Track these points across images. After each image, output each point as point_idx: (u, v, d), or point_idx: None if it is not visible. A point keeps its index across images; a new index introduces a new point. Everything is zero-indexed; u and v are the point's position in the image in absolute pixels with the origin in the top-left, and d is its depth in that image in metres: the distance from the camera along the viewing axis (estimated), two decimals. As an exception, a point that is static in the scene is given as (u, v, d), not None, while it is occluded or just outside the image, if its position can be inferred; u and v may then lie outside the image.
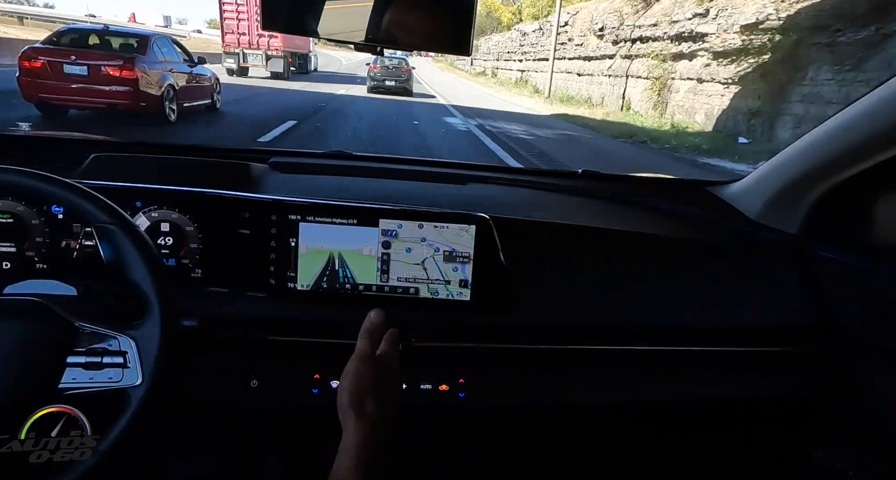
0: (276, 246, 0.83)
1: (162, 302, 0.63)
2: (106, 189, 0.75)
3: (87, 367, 0.61)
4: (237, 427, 0.85)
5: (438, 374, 0.84)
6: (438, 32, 0.58)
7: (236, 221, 0.84)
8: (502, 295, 0.86)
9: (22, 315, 0.61)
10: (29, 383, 0.59)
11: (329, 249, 0.83)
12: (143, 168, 0.96)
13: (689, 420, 1.07)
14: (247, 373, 0.81)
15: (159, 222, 0.84)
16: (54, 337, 0.61)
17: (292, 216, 0.82)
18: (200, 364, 0.80)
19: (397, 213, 0.82)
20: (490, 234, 0.83)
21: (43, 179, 0.62)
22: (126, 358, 0.62)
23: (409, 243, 0.83)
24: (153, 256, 0.64)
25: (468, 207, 0.99)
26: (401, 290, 0.84)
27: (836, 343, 0.95)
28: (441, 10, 0.57)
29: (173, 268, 0.84)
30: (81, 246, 0.82)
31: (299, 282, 0.83)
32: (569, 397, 0.88)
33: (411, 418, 0.87)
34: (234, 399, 0.80)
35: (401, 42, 0.58)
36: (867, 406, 0.92)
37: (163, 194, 0.84)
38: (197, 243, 0.85)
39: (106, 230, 0.63)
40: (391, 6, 0.56)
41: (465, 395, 0.84)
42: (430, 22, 0.58)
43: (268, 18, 0.56)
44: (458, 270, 0.84)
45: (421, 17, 0.58)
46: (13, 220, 0.80)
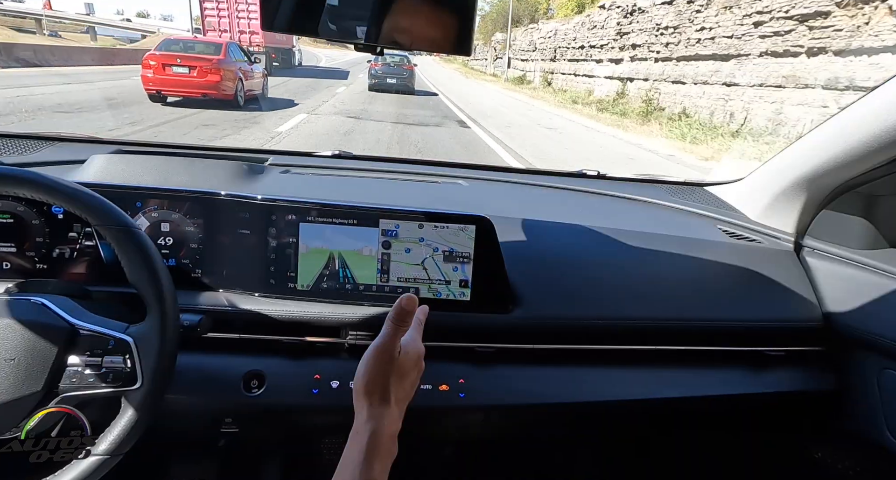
0: (276, 246, 0.83)
1: (162, 303, 0.63)
2: (106, 190, 0.75)
3: (87, 368, 0.61)
4: (237, 428, 0.84)
5: (438, 374, 0.84)
6: (439, 32, 0.58)
7: (236, 221, 0.84)
8: (502, 295, 0.86)
9: (22, 315, 0.61)
10: (29, 383, 0.59)
11: (329, 249, 0.83)
12: (143, 168, 0.96)
13: (690, 419, 1.07)
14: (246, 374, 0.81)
15: (159, 222, 0.84)
16: (54, 337, 0.61)
17: (292, 216, 0.82)
18: (200, 364, 0.80)
19: (397, 213, 0.82)
20: (490, 234, 0.83)
21: (43, 179, 0.62)
22: (126, 359, 0.62)
23: (408, 243, 0.83)
24: (153, 256, 0.64)
25: (468, 207, 0.99)
26: (401, 290, 0.84)
27: (836, 343, 0.95)
28: (441, 10, 0.57)
29: (173, 268, 0.84)
30: (81, 246, 0.82)
31: (299, 282, 0.83)
32: (569, 397, 0.88)
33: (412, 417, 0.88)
34: (233, 400, 0.80)
35: (401, 42, 0.58)
36: (867, 406, 0.92)
37: (163, 195, 0.84)
38: (197, 243, 0.85)
39: (106, 231, 0.63)
40: (391, 6, 0.56)
41: (465, 395, 0.84)
42: (430, 22, 0.58)
43: (267, 19, 0.55)
44: (458, 270, 0.84)
45: (421, 17, 0.58)
46: (13, 220, 0.80)
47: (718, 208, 1.21)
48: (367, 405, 0.57)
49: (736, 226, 1.11)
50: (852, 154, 0.84)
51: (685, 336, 0.93)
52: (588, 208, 1.20)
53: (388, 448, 0.55)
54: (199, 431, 0.90)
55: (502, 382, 0.87)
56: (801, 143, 0.96)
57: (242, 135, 7.15)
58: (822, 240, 1.01)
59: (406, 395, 0.61)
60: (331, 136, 7.48)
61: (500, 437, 1.11)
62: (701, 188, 1.32)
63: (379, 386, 0.58)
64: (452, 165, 1.39)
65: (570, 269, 0.92)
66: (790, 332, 0.95)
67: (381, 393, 0.57)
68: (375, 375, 0.58)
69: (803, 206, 1.01)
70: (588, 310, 0.90)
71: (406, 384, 0.61)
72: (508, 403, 0.87)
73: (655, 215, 1.19)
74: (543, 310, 0.88)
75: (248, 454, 1.07)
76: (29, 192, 0.61)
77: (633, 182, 1.38)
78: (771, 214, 1.08)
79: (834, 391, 0.97)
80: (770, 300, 0.96)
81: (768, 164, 1.08)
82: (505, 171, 1.43)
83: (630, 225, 1.03)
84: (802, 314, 0.95)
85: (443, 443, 1.09)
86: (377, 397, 0.57)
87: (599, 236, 0.99)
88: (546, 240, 0.97)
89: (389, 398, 0.57)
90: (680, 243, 1.00)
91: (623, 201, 1.24)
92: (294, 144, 6.77)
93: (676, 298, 0.93)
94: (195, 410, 0.83)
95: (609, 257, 0.96)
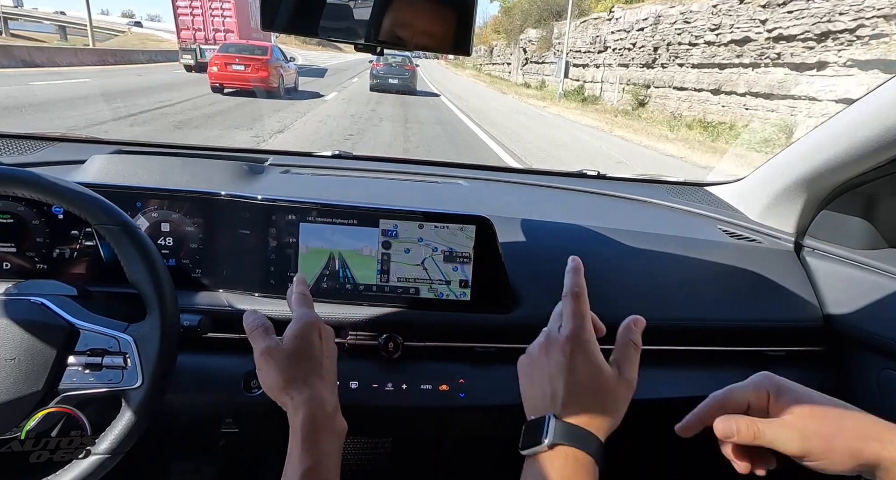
0: (276, 246, 0.83)
1: (162, 303, 0.63)
2: (106, 190, 0.75)
3: (87, 368, 0.61)
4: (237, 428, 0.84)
5: (438, 374, 0.84)
6: (439, 32, 0.58)
7: (236, 221, 0.84)
8: (502, 295, 0.86)
9: (22, 315, 0.61)
10: (29, 383, 0.59)
11: (329, 249, 0.83)
12: (143, 169, 0.96)
13: None
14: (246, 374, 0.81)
15: (159, 222, 0.84)
16: (54, 337, 0.61)
17: (292, 216, 0.82)
18: (200, 364, 0.80)
19: (397, 213, 0.82)
20: (490, 234, 0.83)
21: (43, 179, 0.62)
22: (126, 359, 0.62)
23: (408, 243, 0.83)
24: (153, 256, 0.64)
25: (468, 207, 0.99)
26: (401, 290, 0.84)
27: (837, 343, 0.95)
28: (441, 10, 0.57)
29: (173, 268, 0.84)
30: (81, 246, 0.82)
31: None
32: None
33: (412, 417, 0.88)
34: (233, 400, 0.80)
35: (401, 42, 0.58)
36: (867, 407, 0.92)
37: (163, 195, 0.84)
38: (197, 244, 0.85)
39: (106, 231, 0.63)
40: (391, 6, 0.56)
41: (465, 395, 0.84)
42: (430, 22, 0.58)
43: (267, 19, 0.55)
44: (458, 270, 0.84)
45: (421, 17, 0.58)
46: (13, 220, 0.80)
47: (718, 208, 1.21)
48: (290, 399, 0.56)
49: (736, 226, 1.11)
50: (852, 154, 0.84)
51: (685, 336, 0.93)
52: (588, 208, 1.20)
53: (328, 424, 0.54)
54: (199, 431, 0.90)
55: (502, 382, 0.86)
56: (800, 143, 0.96)
57: (278, 116, 9.01)
58: (822, 240, 1.01)
59: (320, 365, 0.59)
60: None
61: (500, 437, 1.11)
62: (701, 188, 1.32)
63: (288, 376, 0.57)
64: (452, 166, 1.39)
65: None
66: (790, 332, 0.95)
67: (295, 383, 0.56)
68: (276, 370, 0.57)
69: (803, 206, 1.00)
70: None
71: (313, 356, 0.59)
72: (508, 403, 0.87)
73: (655, 215, 1.19)
74: (544, 310, 0.88)
75: (248, 454, 1.07)
76: (29, 192, 0.61)
77: (633, 182, 1.38)
78: (771, 214, 1.08)
79: (834, 392, 0.96)
80: (770, 301, 0.96)
81: (768, 164, 1.08)
82: (505, 171, 1.43)
83: (630, 225, 1.03)
84: (802, 314, 0.95)
85: (443, 443, 1.09)
86: (294, 387, 0.56)
87: (599, 236, 0.99)
88: (546, 240, 0.96)
89: (307, 380, 0.57)
90: (680, 243, 1.00)
91: (623, 201, 1.24)
92: (319, 123, 8.34)
93: (676, 298, 0.93)
94: (195, 410, 0.83)
95: (609, 257, 0.96)
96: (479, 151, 7.83)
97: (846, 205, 0.96)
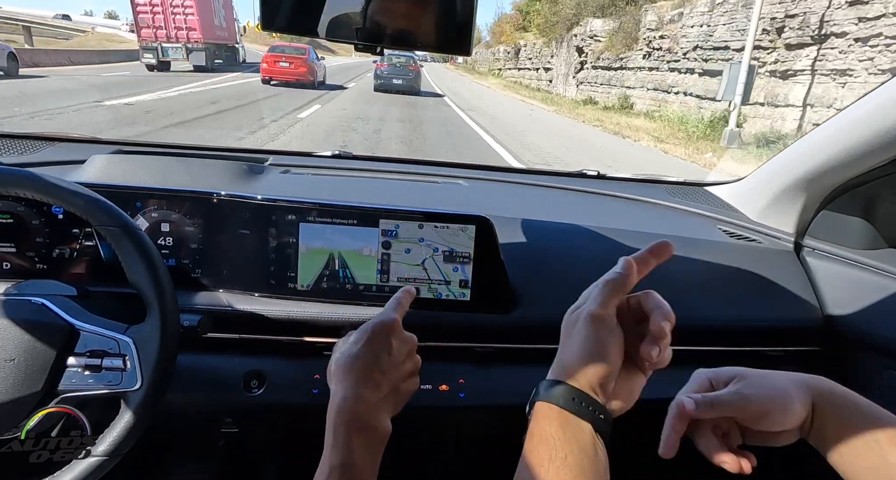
0: (276, 246, 0.83)
1: (162, 303, 0.63)
2: (106, 190, 0.75)
3: (86, 369, 0.61)
4: (237, 428, 0.84)
5: (438, 374, 0.84)
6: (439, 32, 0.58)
7: (236, 221, 0.84)
8: (502, 295, 0.86)
9: (22, 316, 0.61)
10: (29, 383, 0.59)
11: (329, 249, 0.83)
12: (143, 168, 0.96)
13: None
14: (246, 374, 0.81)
15: (159, 222, 0.84)
16: (54, 338, 0.61)
17: (292, 216, 0.82)
18: (200, 364, 0.80)
19: (397, 213, 0.82)
20: (490, 234, 0.83)
21: (43, 180, 0.62)
22: (125, 361, 0.62)
23: (408, 243, 0.83)
24: (153, 257, 0.64)
25: (468, 207, 0.99)
26: None
27: (837, 343, 0.95)
28: (441, 10, 0.57)
29: (173, 268, 0.84)
30: (81, 246, 0.82)
31: (299, 282, 0.83)
32: None
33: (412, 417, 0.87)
34: (233, 399, 0.80)
35: (401, 42, 0.58)
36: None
37: (163, 195, 0.84)
38: (197, 244, 0.85)
39: (106, 232, 0.63)
40: (391, 6, 0.56)
41: (465, 395, 0.84)
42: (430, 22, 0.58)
43: (267, 19, 0.56)
44: (458, 270, 0.84)
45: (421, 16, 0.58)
46: (13, 220, 0.80)
47: (718, 208, 1.21)
48: (352, 383, 0.56)
49: (736, 226, 1.11)
50: (852, 154, 0.84)
51: (685, 336, 0.93)
52: (588, 208, 1.20)
53: (357, 423, 0.54)
54: (199, 431, 0.90)
55: (502, 382, 0.86)
56: (800, 143, 0.96)
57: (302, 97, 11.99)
58: (822, 240, 1.01)
59: (396, 381, 0.59)
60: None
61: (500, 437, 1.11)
62: (701, 188, 1.32)
63: (366, 362, 0.57)
64: (452, 166, 1.39)
65: (569, 269, 0.92)
66: (790, 332, 0.95)
67: (368, 371, 0.57)
68: (369, 351, 0.58)
69: (803, 206, 1.00)
70: None
71: (401, 371, 0.60)
72: (508, 403, 0.87)
73: (655, 215, 1.19)
74: (543, 310, 0.88)
75: (248, 454, 1.07)
76: (29, 192, 0.61)
77: (633, 182, 1.38)
78: (771, 214, 1.08)
79: None
80: (770, 300, 0.96)
81: (768, 164, 1.08)
82: (505, 171, 1.43)
83: (630, 225, 1.03)
84: (802, 314, 0.95)
85: (443, 443, 1.09)
86: (364, 373, 0.57)
87: (599, 236, 0.99)
88: (546, 240, 0.96)
89: (374, 376, 0.57)
90: (680, 243, 0.99)
91: (623, 201, 1.24)
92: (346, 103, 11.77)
93: (676, 298, 0.93)
94: (195, 410, 0.83)
95: (609, 257, 0.95)
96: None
97: (846, 205, 0.96)
